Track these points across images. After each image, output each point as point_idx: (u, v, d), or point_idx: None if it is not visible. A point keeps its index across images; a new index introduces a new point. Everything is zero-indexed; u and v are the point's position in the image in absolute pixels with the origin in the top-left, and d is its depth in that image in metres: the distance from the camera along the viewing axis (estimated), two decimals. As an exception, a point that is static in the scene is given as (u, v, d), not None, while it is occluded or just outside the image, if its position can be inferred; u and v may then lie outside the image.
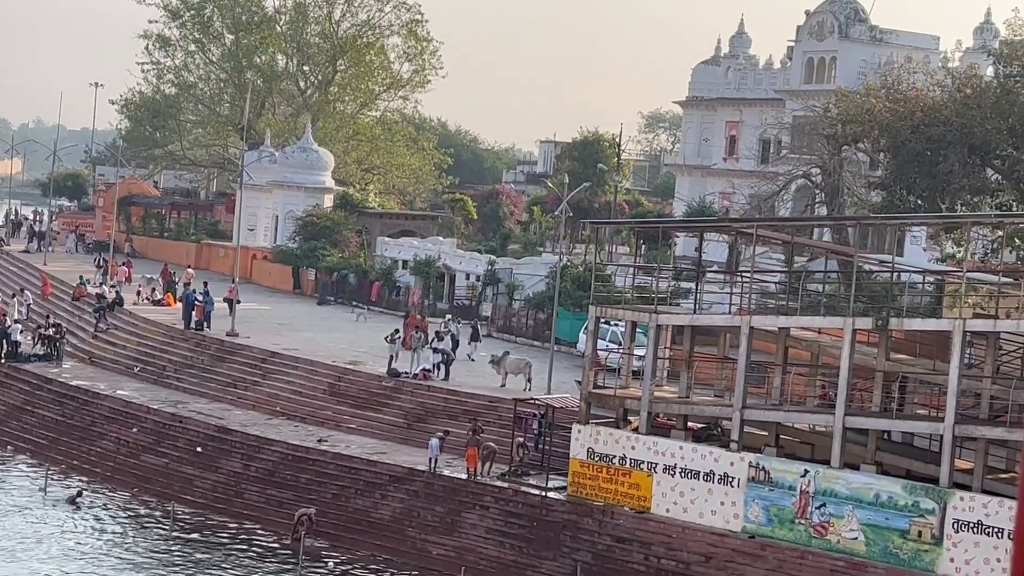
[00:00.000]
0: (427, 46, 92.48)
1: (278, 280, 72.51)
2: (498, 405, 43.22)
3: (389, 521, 38.97)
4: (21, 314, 60.29)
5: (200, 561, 36.62)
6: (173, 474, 43.30)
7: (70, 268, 74.64)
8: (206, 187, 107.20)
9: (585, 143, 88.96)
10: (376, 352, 50.18)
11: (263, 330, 55.67)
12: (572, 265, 59.66)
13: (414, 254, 66.68)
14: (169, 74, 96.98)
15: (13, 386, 51.96)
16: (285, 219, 76.93)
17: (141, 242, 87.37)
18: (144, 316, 59.07)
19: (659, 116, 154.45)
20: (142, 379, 51.87)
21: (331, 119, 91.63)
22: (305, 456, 42.02)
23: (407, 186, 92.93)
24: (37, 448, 46.88)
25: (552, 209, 76.45)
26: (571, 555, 36.05)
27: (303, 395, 47.68)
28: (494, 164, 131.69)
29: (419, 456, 41.10)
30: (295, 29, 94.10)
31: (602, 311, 39.33)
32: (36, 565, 35.27)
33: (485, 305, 61.58)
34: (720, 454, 35.40)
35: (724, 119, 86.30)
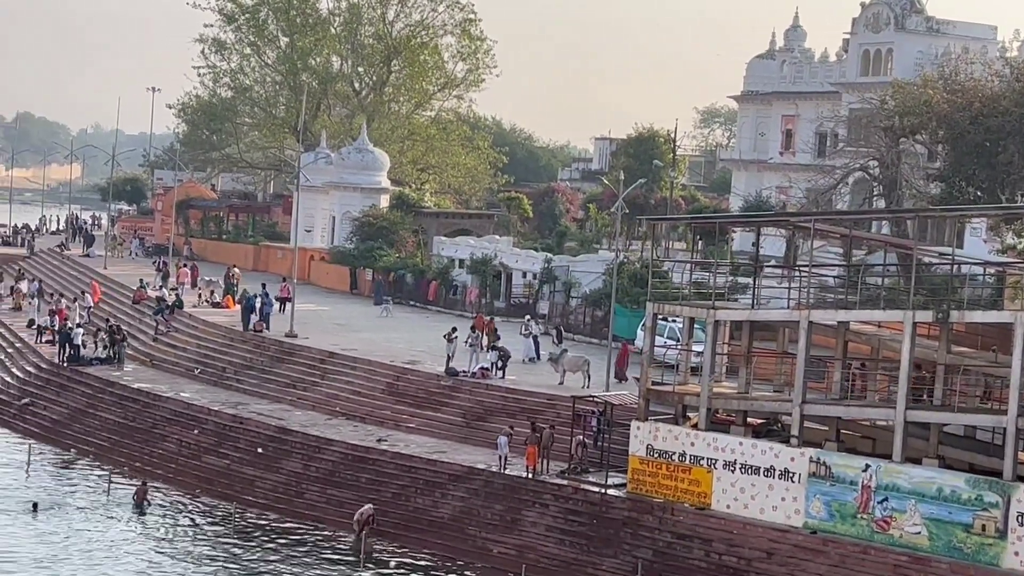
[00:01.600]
0: (481, 45, 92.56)
1: (336, 281, 72.79)
2: (557, 403, 43.21)
3: (449, 520, 39.05)
4: (82, 318, 60.89)
5: (262, 561, 36.82)
6: (235, 475, 43.57)
7: (130, 272, 75.24)
8: (263, 189, 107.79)
9: (640, 139, 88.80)
10: (434, 351, 50.31)
11: (321, 331, 55.93)
12: (629, 262, 59.59)
13: (471, 253, 66.76)
14: (225, 77, 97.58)
15: (76, 389, 52.45)
16: (342, 220, 77.22)
17: (200, 245, 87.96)
18: (203, 318, 59.49)
19: (714, 111, 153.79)
20: (203, 381, 52.23)
21: (386, 119, 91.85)
22: (365, 456, 42.17)
23: (463, 185, 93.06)
24: (100, 450, 47.29)
25: (608, 206, 76.40)
26: (632, 552, 36.00)
27: (362, 395, 47.85)
28: (549, 162, 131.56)
29: (478, 455, 41.19)
30: (349, 30, 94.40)
31: (660, 307, 39.24)
32: (107, 570, 35.53)
33: (542, 303, 61.59)
34: (780, 449, 35.24)
35: (780, 113, 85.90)
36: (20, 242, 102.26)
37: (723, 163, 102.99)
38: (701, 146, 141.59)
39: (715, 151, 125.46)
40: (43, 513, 40.05)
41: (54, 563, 35.68)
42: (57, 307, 61.78)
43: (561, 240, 76.84)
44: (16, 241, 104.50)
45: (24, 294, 70.11)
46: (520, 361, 49.04)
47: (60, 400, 52.10)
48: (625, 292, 53.62)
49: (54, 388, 53.43)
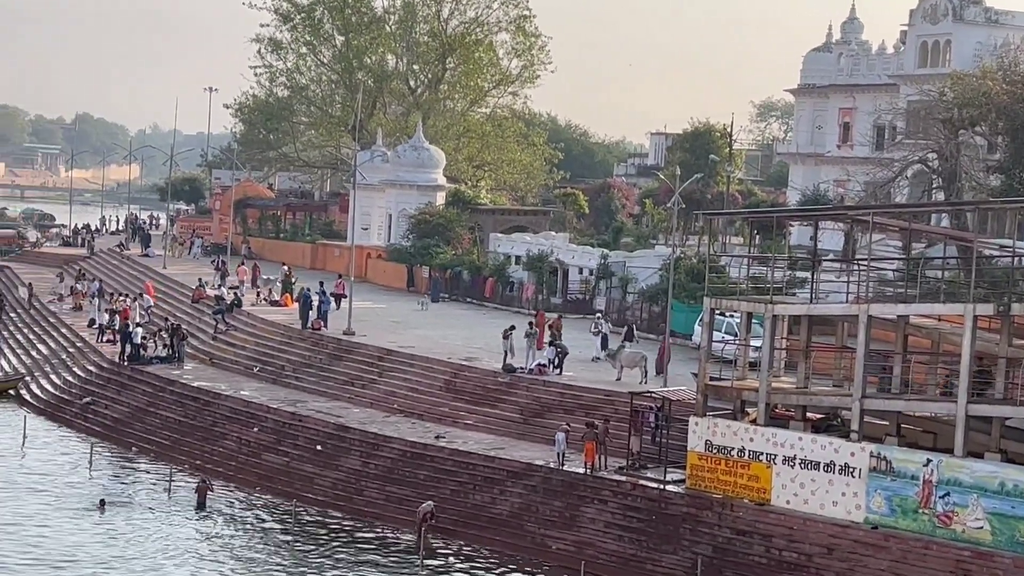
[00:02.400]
0: (535, 41, 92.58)
1: (392, 278, 73.00)
2: (614, 399, 43.14)
3: (508, 516, 39.07)
4: (143, 317, 61.38)
5: (322, 558, 36.98)
6: (294, 472, 43.78)
7: (189, 271, 75.83)
8: (320, 188, 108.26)
9: (696, 134, 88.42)
10: (491, 348, 50.36)
11: (379, 328, 56.12)
12: (685, 257, 59.38)
13: (527, 249, 66.77)
14: (281, 77, 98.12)
15: (137, 388, 52.88)
16: (398, 217, 77.43)
17: (257, 244, 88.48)
18: (262, 317, 59.83)
19: (771, 105, 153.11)
20: (261, 379, 52.52)
21: (441, 117, 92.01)
22: (423, 453, 42.27)
23: (518, 182, 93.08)
24: (161, 449, 47.64)
25: (664, 201, 76.17)
26: (691, 548, 35.90)
27: (420, 392, 47.96)
28: (605, 157, 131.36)
29: (536, 451, 41.18)
30: (404, 28, 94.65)
31: (717, 302, 39.13)
32: (170, 567, 35.80)
33: (598, 299, 61.52)
34: (840, 444, 35.02)
35: (837, 106, 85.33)
36: (80, 242, 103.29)
37: (780, 157, 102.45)
38: (758, 140, 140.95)
39: (772, 145, 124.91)
40: (110, 510, 40.39)
41: (120, 560, 35.99)
42: (119, 306, 62.32)
43: (617, 236, 76.66)
44: (76, 241, 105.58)
45: (84, 294, 70.78)
46: (590, 359, 48.81)
47: (121, 399, 52.53)
48: (682, 287, 53.46)
49: (115, 387, 53.88)
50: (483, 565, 36.95)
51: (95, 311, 64.65)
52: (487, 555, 37.66)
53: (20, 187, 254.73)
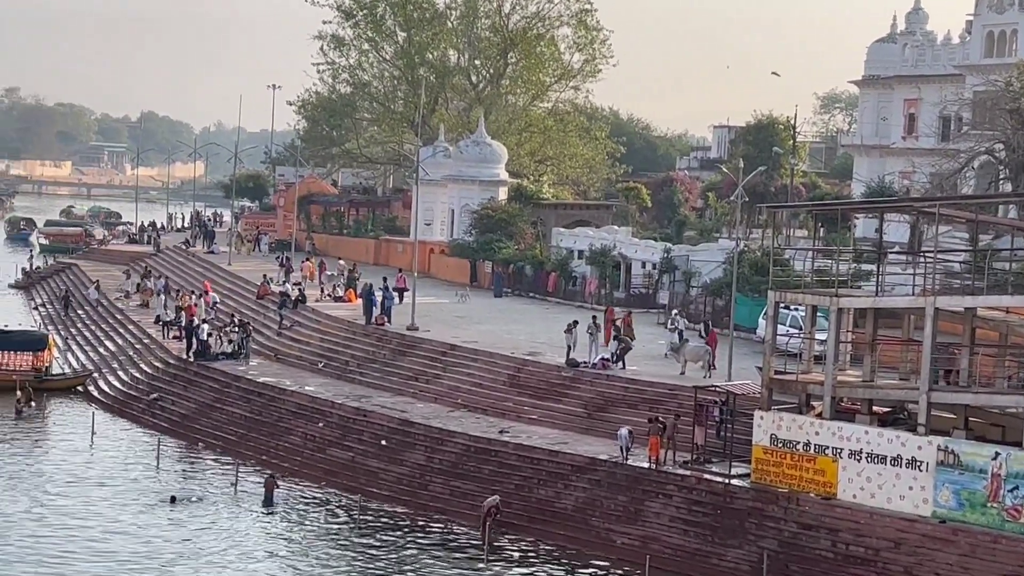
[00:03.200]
0: (597, 35, 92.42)
1: (455, 273, 73.14)
2: (678, 393, 43.03)
3: (572, 511, 39.05)
4: (208, 313, 61.84)
5: (388, 552, 37.12)
6: (359, 467, 43.95)
7: (254, 267, 76.34)
8: (383, 184, 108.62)
9: (759, 126, 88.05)
10: (554, 343, 50.36)
11: (442, 323, 56.25)
12: (749, 250, 59.11)
13: (589, 244, 66.68)
14: (344, 73, 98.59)
15: (203, 384, 53.28)
16: (461, 213, 77.54)
17: (321, 240, 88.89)
18: (326, 312, 60.12)
19: (835, 96, 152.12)
20: (326, 374, 52.76)
21: (503, 112, 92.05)
22: (487, 447, 42.32)
23: (581, 176, 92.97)
24: (227, 444, 47.97)
25: (727, 194, 75.89)
26: (757, 543, 35.74)
27: (484, 387, 48.03)
28: (667, 151, 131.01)
29: (600, 445, 41.14)
30: (466, 24, 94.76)
31: (781, 296, 38.93)
32: (241, 561, 36.05)
33: (662, 293, 61.36)
34: (907, 438, 34.76)
35: (902, 97, 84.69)
36: (146, 240, 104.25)
37: (844, 149, 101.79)
38: (822, 132, 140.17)
39: (836, 137, 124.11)
40: (181, 505, 40.73)
41: (192, 556, 36.27)
42: (184, 303, 62.83)
43: (680, 229, 76.48)
44: (142, 239, 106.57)
45: (151, 291, 71.40)
46: (663, 355, 48.56)
47: (188, 395, 52.95)
48: (746, 281, 53.22)
49: (182, 383, 54.31)
50: (548, 559, 36.96)
51: (161, 308, 65.19)
52: (552, 549, 37.65)
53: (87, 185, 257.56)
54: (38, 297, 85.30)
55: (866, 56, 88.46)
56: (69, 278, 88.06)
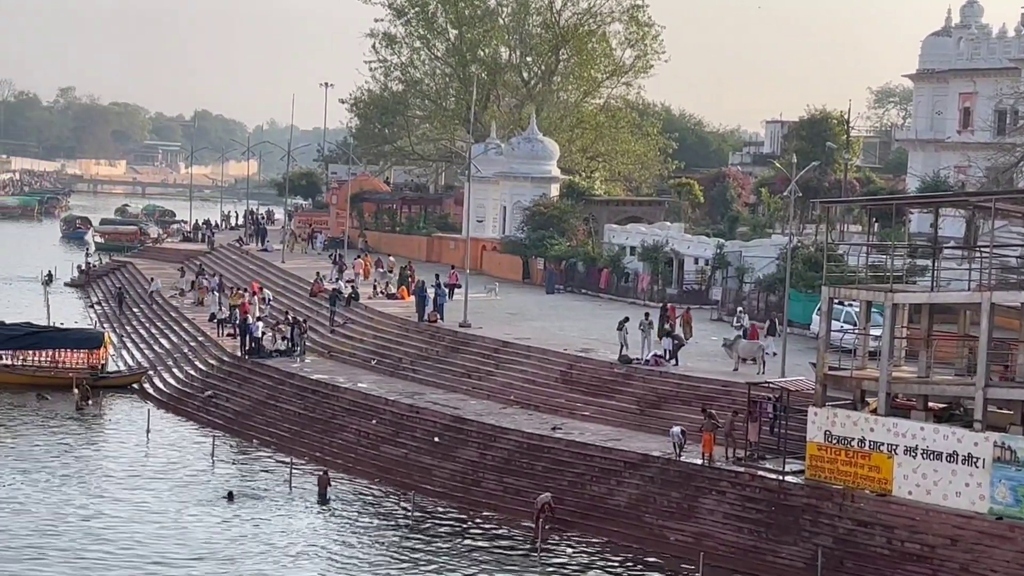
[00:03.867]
0: (649, 31, 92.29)
1: (507, 270, 73.19)
2: (732, 390, 42.89)
3: (626, 507, 38.99)
4: (262, 311, 62.15)
5: (441, 549, 37.18)
6: (412, 464, 44.06)
7: (307, 265, 76.65)
8: (435, 181, 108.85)
9: (813, 121, 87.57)
10: (607, 339, 50.29)
11: (494, 320, 56.29)
12: (803, 246, 58.82)
13: (642, 240, 66.55)
14: (396, 71, 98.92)
15: (257, 381, 53.56)
16: (513, 210, 77.56)
17: (374, 237, 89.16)
18: (379, 309, 60.29)
19: (888, 91, 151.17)
20: (379, 371, 52.91)
21: (555, 108, 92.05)
22: (540, 444, 42.32)
23: (632, 172, 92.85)
24: (281, 441, 48.19)
25: (780, 190, 75.52)
26: (811, 539, 35.57)
27: (536, 384, 48.02)
28: (720, 147, 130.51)
29: (653, 442, 41.06)
30: (517, 21, 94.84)
31: (835, 291, 38.72)
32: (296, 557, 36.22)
33: (715, 289, 61.16)
34: (963, 434, 34.47)
35: (957, 91, 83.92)
36: (200, 238, 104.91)
37: (899, 143, 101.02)
38: (875, 126, 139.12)
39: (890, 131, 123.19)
40: (238, 501, 40.97)
41: (247, 551, 36.47)
42: (238, 301, 63.19)
43: (733, 225, 76.17)
44: (196, 237, 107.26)
45: (205, 289, 71.84)
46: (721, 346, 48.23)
47: (242, 392, 53.23)
48: (799, 276, 52.96)
49: (236, 380, 54.61)
50: (601, 556, 36.91)
51: (215, 306, 65.57)
52: (604, 546, 37.61)
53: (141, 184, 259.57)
54: (94, 295, 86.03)
55: (920, 50, 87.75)
56: (124, 276, 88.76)
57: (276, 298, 66.69)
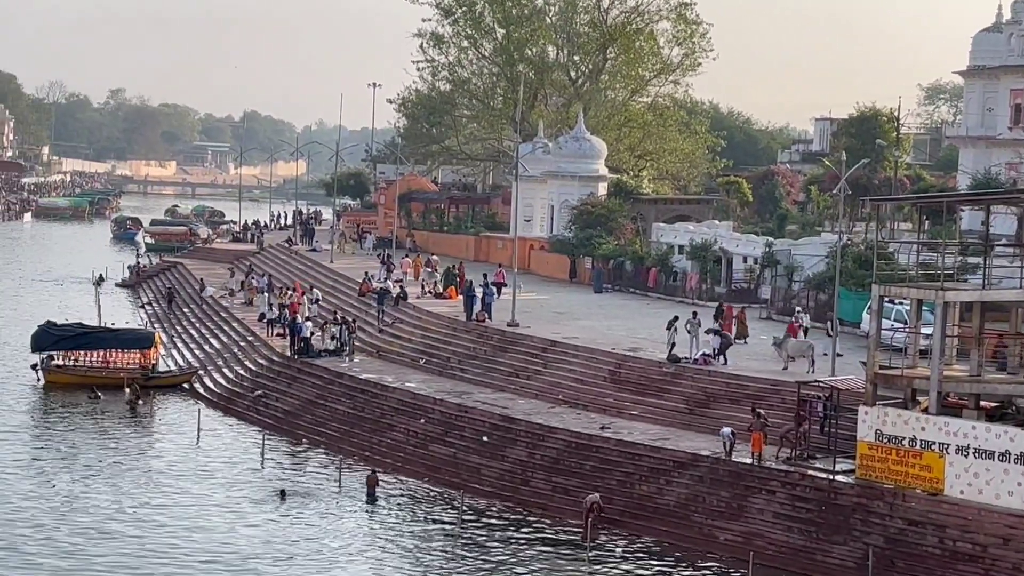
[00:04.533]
0: (696, 29, 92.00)
1: (555, 269, 73.15)
2: (781, 389, 42.71)
3: (674, 507, 38.90)
4: (311, 311, 62.36)
5: (490, 548, 37.21)
6: (460, 463, 44.10)
7: (355, 265, 76.86)
8: (482, 180, 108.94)
9: (862, 119, 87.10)
10: (655, 338, 50.19)
11: (542, 319, 56.27)
12: (852, 244, 58.51)
13: (690, 239, 66.37)
14: (443, 71, 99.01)
15: (306, 381, 53.75)
16: (560, 209, 77.53)
17: (422, 237, 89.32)
18: (427, 309, 60.39)
19: (939, 88, 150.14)
20: (427, 371, 52.99)
21: (602, 107, 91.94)
22: (589, 443, 42.27)
23: (681, 171, 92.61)
24: (330, 440, 48.34)
25: (830, 188, 75.06)
26: (862, 539, 35.37)
27: (584, 383, 47.97)
28: (768, 144, 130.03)
29: (702, 441, 40.94)
30: (565, 19, 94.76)
31: (886, 290, 38.47)
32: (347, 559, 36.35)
33: (764, 287, 60.91)
34: (1016, 433, 34.18)
35: (1008, 87, 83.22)
36: (250, 238, 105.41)
37: (949, 140, 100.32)
38: (926, 123, 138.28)
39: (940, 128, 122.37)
40: (289, 500, 41.15)
41: (298, 549, 36.64)
42: (287, 301, 63.45)
43: (782, 223, 75.86)
44: (246, 237, 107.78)
45: (255, 289, 72.16)
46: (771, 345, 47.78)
47: (291, 391, 53.44)
48: (849, 275, 52.69)
49: (285, 380, 54.83)
50: (650, 556, 36.84)
51: (265, 305, 65.85)
52: (653, 546, 37.53)
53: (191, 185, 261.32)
54: (144, 295, 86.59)
55: (971, 46, 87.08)
56: (174, 276, 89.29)
57: (325, 298, 66.90)
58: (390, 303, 61.16)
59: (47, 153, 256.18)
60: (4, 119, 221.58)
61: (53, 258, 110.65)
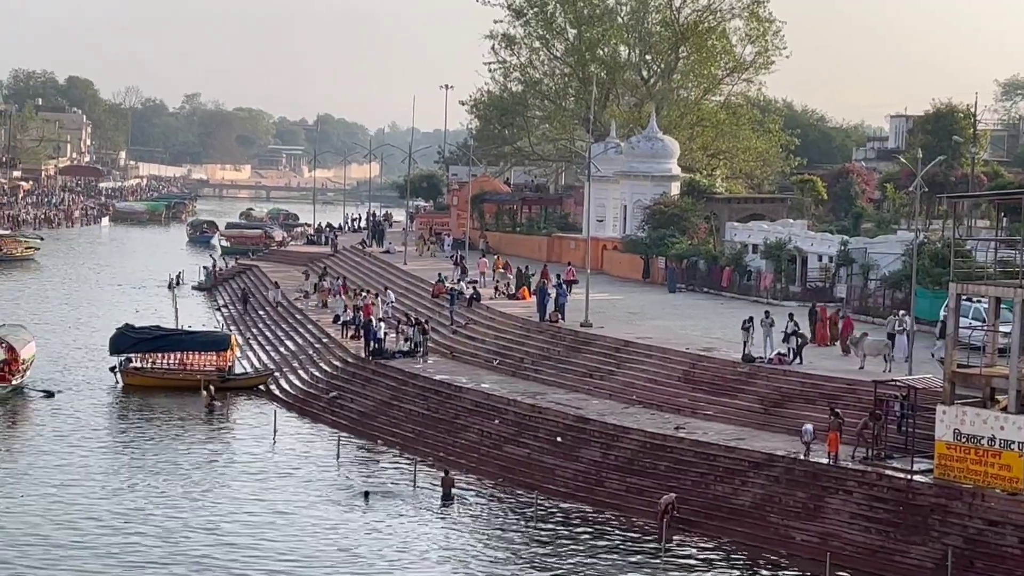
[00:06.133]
0: (769, 26, 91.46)
1: (628, 270, 73.01)
2: (857, 388, 42.37)
3: (750, 507, 38.68)
4: (386, 313, 62.64)
5: (565, 548, 37.18)
6: (535, 464, 44.10)
7: (429, 266, 77.14)
8: (554, 181, 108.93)
9: (938, 115, 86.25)
10: (729, 338, 49.96)
11: (616, 320, 56.18)
12: (929, 242, 57.95)
13: (764, 238, 66.01)
14: (515, 72, 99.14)
15: (380, 382, 53.97)
16: (633, 209, 77.37)
17: (495, 238, 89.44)
18: (500, 310, 60.46)
19: (1016, 83, 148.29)
20: (501, 371, 53.04)
21: (675, 107, 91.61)
22: (663, 444, 42.15)
23: (754, 169, 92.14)
24: (405, 441, 48.50)
25: (905, 185, 74.41)
26: (940, 539, 35.01)
27: (658, 383, 47.84)
28: (843, 142, 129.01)
29: (778, 441, 40.71)
30: (636, 19, 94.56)
31: (963, 288, 38.07)
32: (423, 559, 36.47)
33: (839, 286, 60.47)
34: (1097, 433, 33.72)
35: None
36: (324, 240, 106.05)
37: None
38: (1003, 119, 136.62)
39: (1018, 124, 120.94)
40: (373, 500, 41.34)
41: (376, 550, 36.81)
42: (362, 303, 63.75)
43: (857, 222, 75.25)
44: (320, 240, 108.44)
45: (329, 291, 72.58)
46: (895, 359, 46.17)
47: (366, 393, 53.68)
48: (926, 273, 52.18)
49: (360, 381, 55.08)
50: (726, 557, 36.67)
51: (339, 307, 66.20)
52: (729, 546, 37.35)
53: (265, 188, 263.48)
54: (220, 298, 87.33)
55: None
56: (249, 279, 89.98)
57: (399, 299, 67.17)
58: (463, 304, 61.29)
59: (124, 158, 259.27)
60: (82, 124, 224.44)
61: (130, 262, 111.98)
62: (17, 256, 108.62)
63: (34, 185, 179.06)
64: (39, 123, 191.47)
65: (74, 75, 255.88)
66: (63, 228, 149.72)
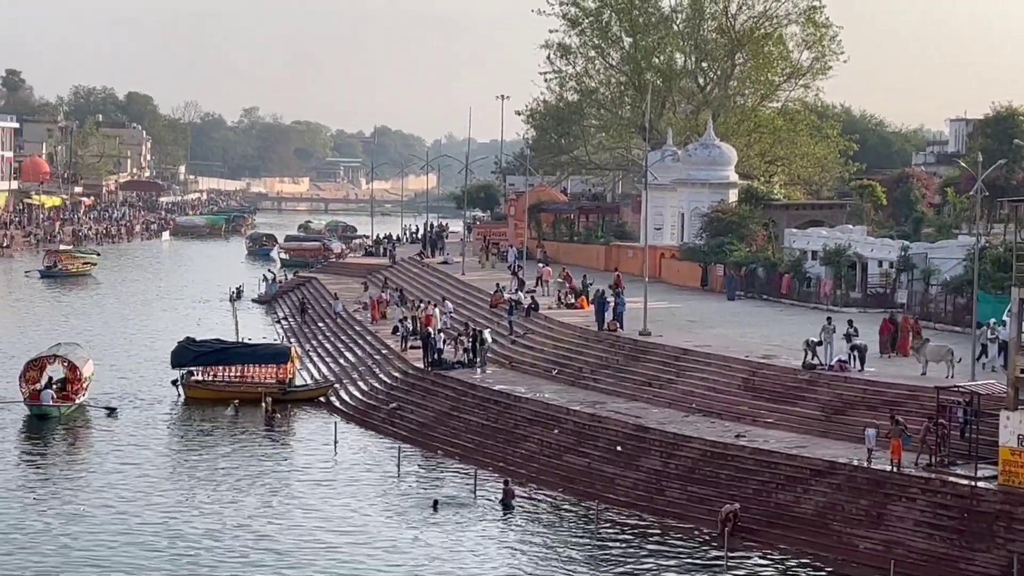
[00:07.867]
0: (826, 32, 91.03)
1: (686, 277, 72.80)
2: (919, 394, 42.05)
3: (812, 515, 38.45)
4: (444, 323, 62.76)
5: (626, 558, 37.10)
6: (595, 473, 44.04)
7: (487, 277, 77.23)
8: (612, 190, 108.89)
9: (998, 118, 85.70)
10: (790, 345, 49.71)
11: (674, 328, 56.03)
12: (991, 246, 57.49)
13: (823, 244, 65.65)
14: (571, 81, 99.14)
15: (439, 393, 54.06)
16: (691, 216, 77.18)
17: (552, 247, 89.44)
18: (558, 319, 60.44)
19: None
20: (560, 381, 53.01)
21: (732, 114, 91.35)
22: (724, 452, 41.97)
23: (812, 175, 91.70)
24: (465, 451, 48.54)
25: (966, 189, 73.94)
26: (1006, 547, 34.66)
27: (718, 391, 47.66)
28: (902, 147, 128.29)
29: (840, 448, 40.45)
30: (692, 26, 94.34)
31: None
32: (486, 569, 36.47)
33: (900, 292, 60.07)
34: None
35: None
36: (382, 252, 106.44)
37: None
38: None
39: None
40: (442, 509, 41.44)
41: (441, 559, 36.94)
42: (421, 313, 63.91)
43: (917, 226, 74.78)
44: (378, 251, 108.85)
45: (388, 302, 72.78)
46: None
47: (425, 403, 53.77)
48: (988, 277, 51.76)
49: (419, 392, 55.20)
50: (789, 565, 36.47)
51: (398, 319, 66.38)
52: (792, 555, 37.13)
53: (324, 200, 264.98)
54: (280, 311, 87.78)
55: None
56: (309, 291, 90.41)
57: (457, 310, 67.30)
58: (520, 314, 61.32)
59: (183, 172, 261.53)
60: (142, 140, 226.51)
61: (190, 275, 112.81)
62: (74, 272, 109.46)
63: (95, 200, 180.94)
64: (100, 139, 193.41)
65: (134, 91, 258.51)
66: (124, 243, 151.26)
